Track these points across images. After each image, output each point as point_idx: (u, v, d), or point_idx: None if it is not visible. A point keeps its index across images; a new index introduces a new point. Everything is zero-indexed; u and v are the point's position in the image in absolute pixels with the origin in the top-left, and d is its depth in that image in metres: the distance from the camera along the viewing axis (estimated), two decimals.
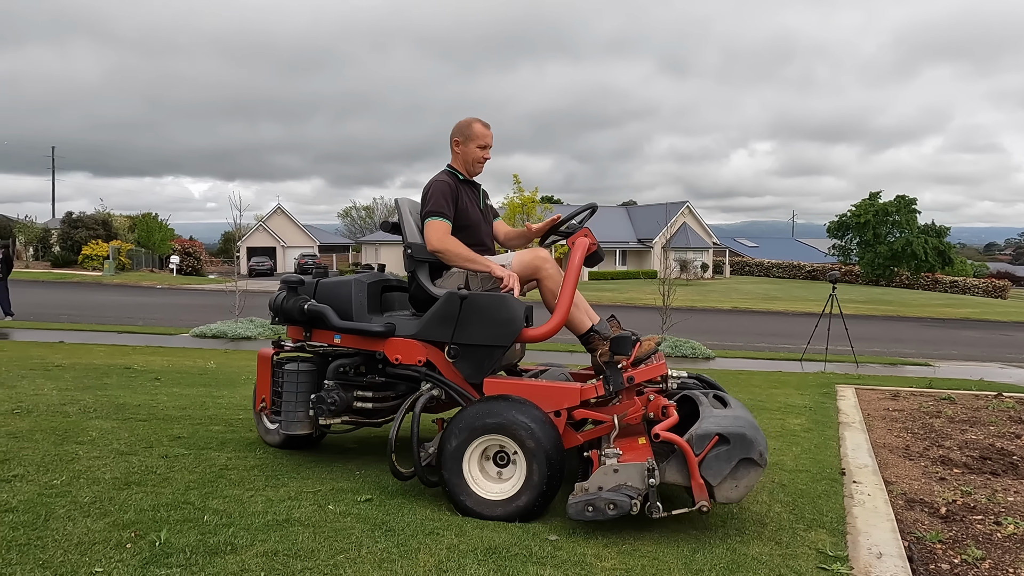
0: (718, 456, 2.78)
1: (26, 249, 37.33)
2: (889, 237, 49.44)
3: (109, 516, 2.75)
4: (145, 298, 22.48)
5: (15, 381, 5.97)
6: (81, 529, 2.61)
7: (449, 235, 3.46)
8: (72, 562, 2.35)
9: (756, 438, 2.84)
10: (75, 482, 3.16)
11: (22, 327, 12.52)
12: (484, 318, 3.28)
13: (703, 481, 2.78)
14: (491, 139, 3.70)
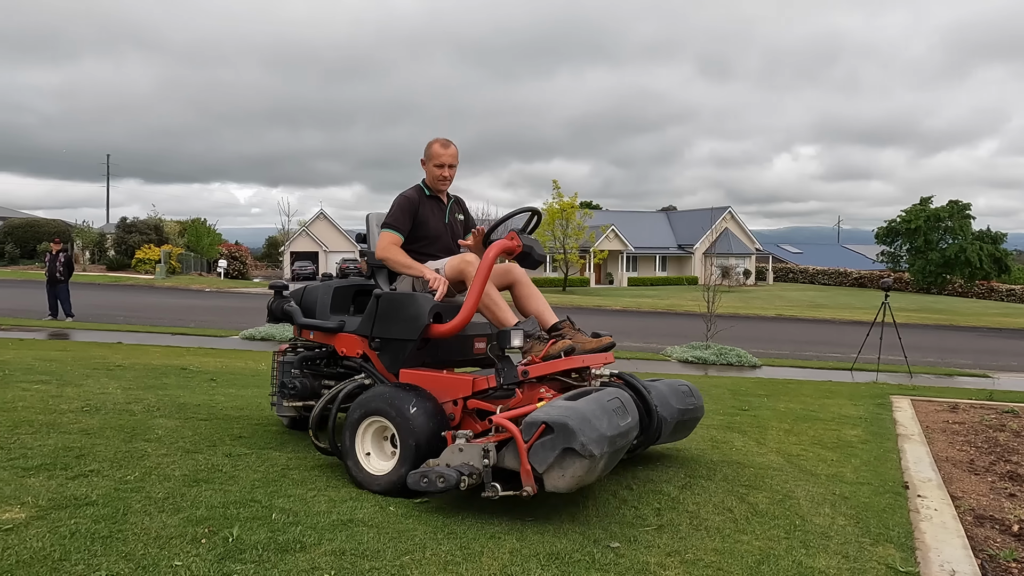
0: (543, 444, 2.85)
1: (83, 253, 38.83)
2: (941, 243, 47.85)
3: (182, 512, 2.85)
4: (195, 301, 23.16)
5: (81, 380, 6.22)
6: (158, 524, 2.71)
7: (393, 245, 3.87)
8: (152, 555, 2.44)
9: (581, 428, 2.79)
10: (147, 478, 3.28)
11: (82, 328, 13.03)
12: (395, 315, 3.64)
13: (530, 467, 2.86)
14: (448, 158, 3.96)
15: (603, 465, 2.94)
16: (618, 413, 3.04)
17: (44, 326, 13.15)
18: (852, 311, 28.46)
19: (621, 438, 2.99)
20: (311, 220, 60.43)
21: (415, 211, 3.95)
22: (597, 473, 2.95)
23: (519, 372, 3.27)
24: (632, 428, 3.14)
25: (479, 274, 3.44)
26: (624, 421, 3.05)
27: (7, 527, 2.58)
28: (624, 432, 3.02)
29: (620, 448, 3.05)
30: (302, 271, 48.45)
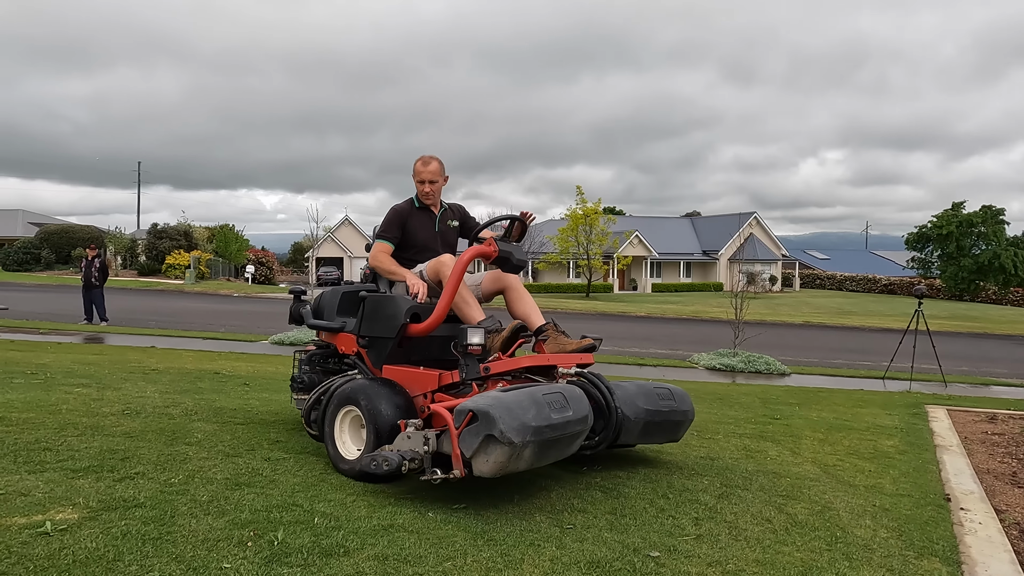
0: (469, 431, 3.00)
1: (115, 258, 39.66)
2: (974, 249, 46.84)
3: (227, 515, 2.90)
4: (224, 305, 23.51)
5: (119, 383, 6.36)
6: (204, 526, 2.77)
7: (382, 253, 4.19)
8: (202, 557, 2.49)
9: (501, 417, 2.92)
10: (191, 481, 3.35)
11: (117, 332, 13.30)
12: (377, 315, 3.90)
13: (459, 452, 3.03)
14: (427, 174, 4.22)
15: (530, 454, 3.02)
16: (553, 406, 3.12)
17: (80, 330, 13.46)
18: (882, 318, 27.96)
19: (552, 430, 3.06)
20: (336, 226, 61.07)
21: (404, 222, 4.25)
22: (525, 462, 3.04)
23: (481, 369, 3.47)
24: (572, 422, 3.20)
25: (452, 275, 3.65)
26: (560, 415, 3.12)
27: (62, 527, 2.65)
28: (558, 424, 3.09)
29: (553, 440, 3.10)
30: (327, 276, 48.96)
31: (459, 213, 4.52)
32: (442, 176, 4.29)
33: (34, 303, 19.88)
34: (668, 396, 4.13)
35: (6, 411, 4.62)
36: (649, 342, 15.46)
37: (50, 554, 2.43)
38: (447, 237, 4.41)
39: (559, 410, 3.15)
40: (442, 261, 3.92)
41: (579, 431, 3.30)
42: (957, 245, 46.91)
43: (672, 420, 4.14)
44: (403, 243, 4.25)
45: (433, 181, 4.25)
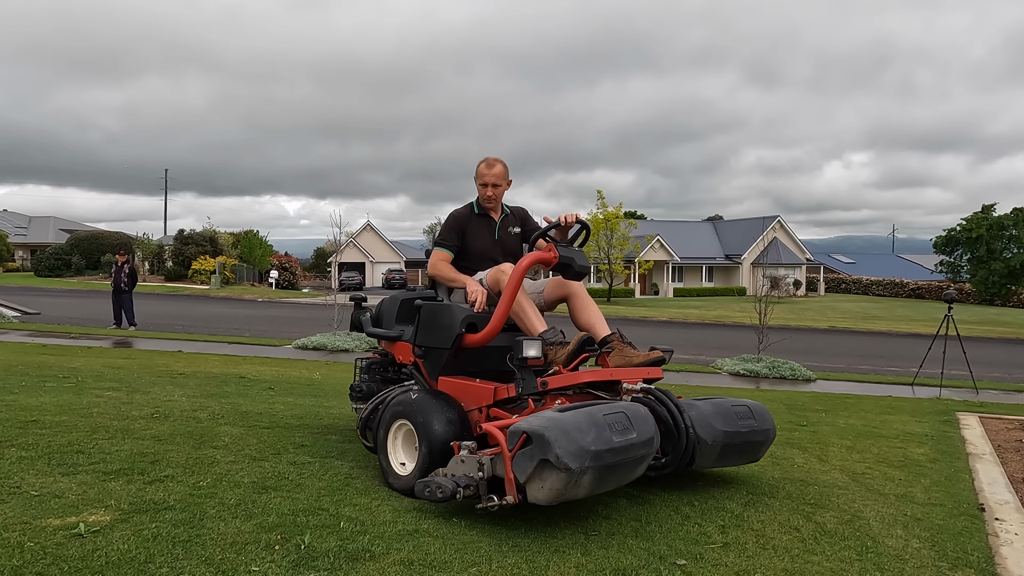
0: (523, 454, 2.83)
1: (143, 264, 40.40)
2: (1005, 253, 45.81)
3: (255, 518, 2.94)
4: (248, 310, 23.82)
5: (148, 387, 6.47)
6: (233, 529, 2.80)
7: (441, 262, 4.03)
8: (231, 560, 2.52)
9: (557, 440, 2.72)
10: (219, 484, 3.39)
11: (145, 336, 13.55)
12: (433, 324, 3.80)
13: (513, 476, 2.86)
14: (491, 177, 3.99)
15: (589, 481, 2.81)
16: (615, 428, 2.90)
17: (109, 335, 13.72)
18: (909, 323, 27.45)
19: (614, 454, 2.84)
20: (358, 232, 61.59)
21: (463, 229, 4.09)
22: (584, 488, 2.84)
23: (538, 383, 3.30)
24: (635, 445, 2.96)
25: (509, 284, 3.50)
26: (623, 437, 2.89)
27: (94, 529, 2.70)
28: (619, 448, 2.86)
29: (614, 465, 2.87)
30: (349, 281, 49.40)
31: (520, 217, 4.29)
32: (506, 180, 4.08)
33: (65, 308, 20.33)
34: (747, 415, 3.77)
35: (39, 414, 4.72)
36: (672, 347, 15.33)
37: (84, 555, 2.47)
38: (508, 244, 4.18)
39: (621, 432, 2.91)
40: (501, 269, 3.75)
41: (643, 455, 3.06)
42: (987, 248, 45.93)
43: (753, 441, 3.79)
44: (461, 251, 4.07)
45: (496, 185, 4.02)
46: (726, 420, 3.65)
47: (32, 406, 5.01)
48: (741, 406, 3.82)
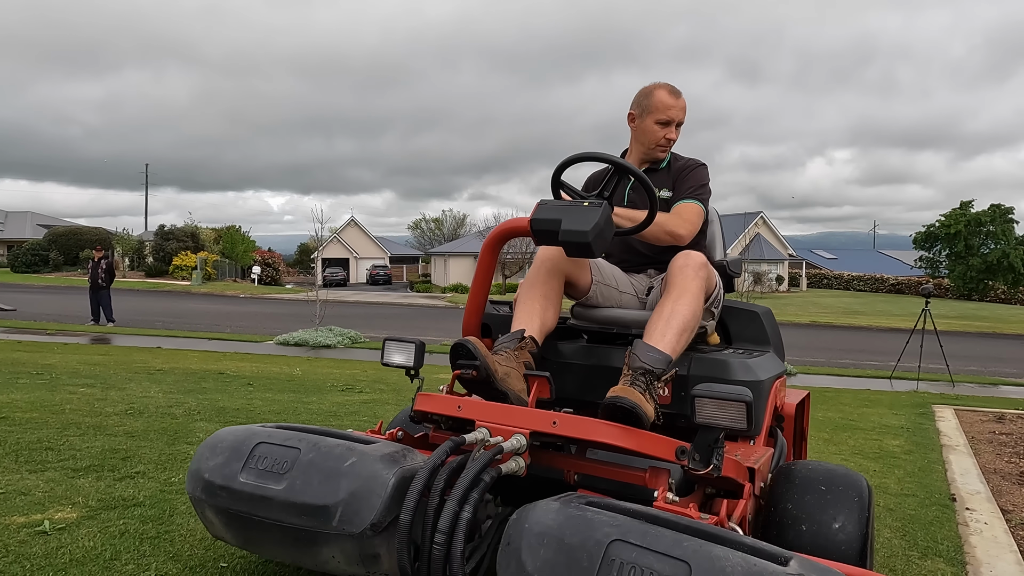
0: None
1: (123, 260, 39.88)
2: (983, 249, 46.52)
3: None
4: (230, 307, 23.60)
5: (124, 384, 6.38)
6: (203, 526, 2.76)
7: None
8: (199, 556, 2.48)
9: (199, 454, 2.08)
10: None
11: (123, 333, 13.37)
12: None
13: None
14: (676, 112, 2.66)
15: (220, 523, 2.02)
16: (260, 465, 1.96)
17: (87, 331, 13.53)
18: (889, 318, 27.80)
19: (236, 499, 1.92)
20: (342, 227, 61.22)
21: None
22: (221, 531, 2.08)
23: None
24: (285, 506, 1.86)
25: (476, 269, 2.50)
26: (259, 482, 1.92)
27: (60, 526, 2.66)
28: (249, 496, 1.90)
29: (248, 519, 1.93)
30: (333, 277, 49.10)
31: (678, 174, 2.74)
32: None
33: (42, 304, 20.01)
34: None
35: (10, 411, 4.63)
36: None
37: (47, 553, 2.43)
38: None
39: (264, 475, 1.90)
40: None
41: (306, 528, 1.83)
42: (965, 244, 46.60)
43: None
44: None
45: (680, 123, 2.71)
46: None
47: (2, 403, 4.92)
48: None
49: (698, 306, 2.26)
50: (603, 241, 2.03)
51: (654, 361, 2.08)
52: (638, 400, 1.97)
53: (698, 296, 2.26)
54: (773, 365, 2.57)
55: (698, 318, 2.26)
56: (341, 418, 5.30)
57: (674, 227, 2.49)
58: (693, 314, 2.23)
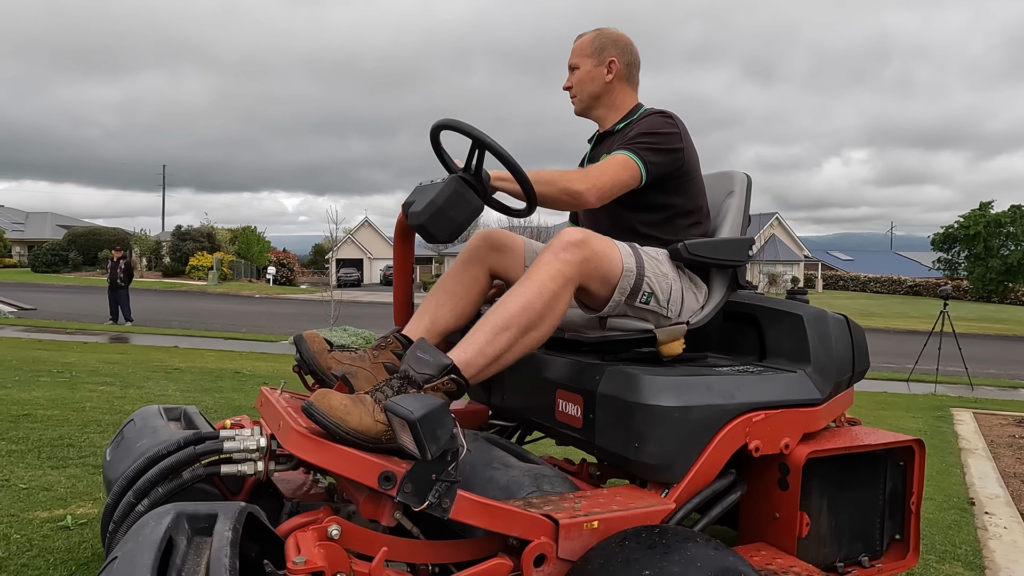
0: None
1: (140, 260, 40.37)
2: (1003, 250, 45.90)
3: None
4: (246, 306, 23.81)
5: (142, 382, 6.46)
6: None
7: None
8: None
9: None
10: None
11: (141, 332, 13.54)
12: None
13: None
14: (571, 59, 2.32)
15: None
16: None
17: (105, 330, 13.71)
18: (907, 320, 27.49)
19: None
20: (356, 228, 61.55)
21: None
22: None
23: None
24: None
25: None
26: None
27: (82, 521, 2.70)
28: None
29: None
30: (347, 278, 49.40)
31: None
32: (593, 57, 2.29)
33: (61, 304, 20.30)
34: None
35: (31, 408, 4.71)
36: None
37: (70, 547, 2.47)
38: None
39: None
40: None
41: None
42: (985, 245, 46.00)
43: None
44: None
45: (573, 67, 2.34)
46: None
47: (24, 400, 5.00)
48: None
49: (535, 296, 1.75)
50: (446, 223, 1.76)
51: (419, 364, 1.65)
52: (334, 407, 1.51)
53: (544, 284, 1.76)
54: (755, 389, 1.92)
55: (533, 310, 1.74)
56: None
57: (570, 182, 1.91)
58: (522, 307, 1.73)
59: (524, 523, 1.56)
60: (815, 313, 2.17)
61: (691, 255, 2.02)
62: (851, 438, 2.12)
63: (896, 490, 2.19)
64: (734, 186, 2.33)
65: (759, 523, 2.02)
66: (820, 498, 2.05)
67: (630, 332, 1.99)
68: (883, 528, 2.18)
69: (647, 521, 1.67)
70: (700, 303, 2.10)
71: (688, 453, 1.80)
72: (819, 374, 2.07)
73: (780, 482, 1.95)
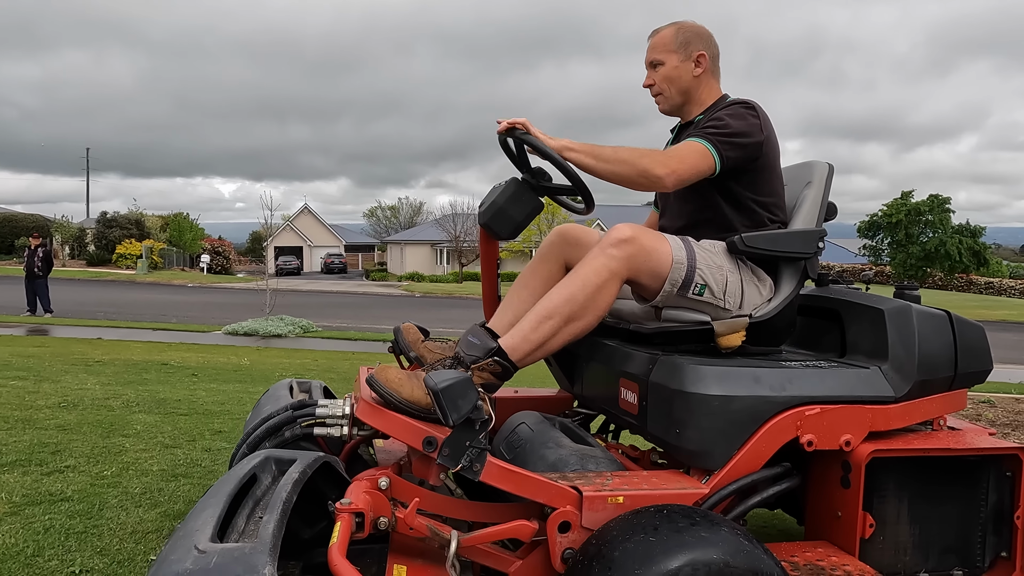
0: None
1: (63, 248, 38.31)
2: (922, 237, 48.49)
3: (160, 506, 2.83)
4: (177, 296, 22.92)
5: (59, 376, 6.15)
6: (134, 518, 2.69)
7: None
8: (128, 550, 2.42)
9: None
10: (124, 473, 3.26)
11: (62, 324, 12.86)
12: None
13: None
14: (648, 54, 2.31)
15: None
16: None
17: (22, 322, 12.97)
18: None
19: None
20: (295, 215, 60.02)
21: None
22: None
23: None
24: None
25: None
26: None
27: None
28: None
29: None
30: (286, 266, 48.19)
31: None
32: (677, 51, 2.25)
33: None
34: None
35: None
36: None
37: None
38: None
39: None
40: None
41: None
42: (906, 233, 48.48)
43: None
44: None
45: (656, 63, 2.29)
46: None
47: None
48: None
49: (579, 289, 1.84)
50: (507, 221, 1.96)
51: (469, 347, 1.85)
52: (390, 380, 1.71)
53: (588, 278, 1.84)
54: (812, 383, 1.89)
55: (576, 302, 1.83)
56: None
57: (650, 165, 1.92)
58: (566, 299, 1.84)
59: (550, 492, 1.68)
60: (898, 307, 2.06)
61: (748, 247, 1.99)
62: (935, 441, 1.99)
63: (1002, 503, 2.02)
64: (813, 176, 2.26)
65: (823, 520, 1.98)
66: (898, 502, 1.95)
67: (686, 324, 1.98)
68: (985, 543, 2.02)
69: (677, 502, 1.70)
70: (765, 296, 2.06)
71: (730, 442, 1.81)
72: (897, 371, 1.97)
73: (843, 480, 1.90)
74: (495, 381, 1.83)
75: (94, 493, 2.94)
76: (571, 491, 1.68)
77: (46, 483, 3.04)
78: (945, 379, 2.07)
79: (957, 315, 2.13)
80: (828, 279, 2.42)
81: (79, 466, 3.33)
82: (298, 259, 53.85)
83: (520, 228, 1.99)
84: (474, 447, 1.66)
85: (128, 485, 3.07)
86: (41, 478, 3.11)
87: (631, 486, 1.74)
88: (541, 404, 2.59)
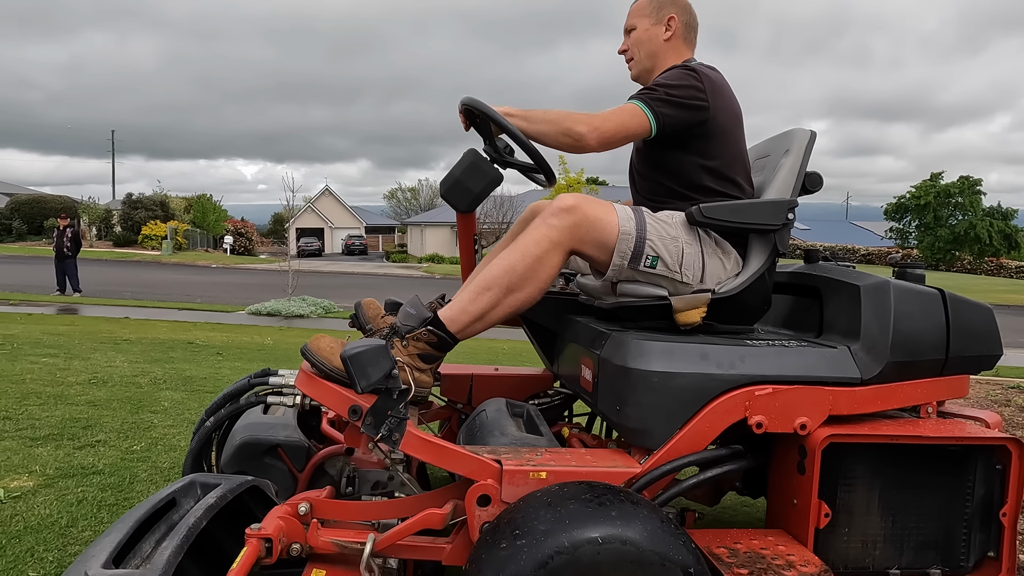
0: None
1: (89, 229, 38.97)
2: (951, 220, 47.49)
3: None
4: (201, 277, 23.24)
5: (88, 354, 6.27)
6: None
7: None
8: None
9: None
10: (153, 448, 3.32)
11: (90, 303, 13.11)
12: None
13: None
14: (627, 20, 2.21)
15: None
16: None
17: (52, 301, 13.24)
18: None
19: None
20: (316, 196, 60.34)
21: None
22: None
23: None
24: None
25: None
26: None
27: (15, 495, 2.62)
28: None
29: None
30: (307, 247, 48.56)
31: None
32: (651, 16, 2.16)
33: (5, 274, 19.50)
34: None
35: None
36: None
37: (1, 521, 2.39)
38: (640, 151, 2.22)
39: None
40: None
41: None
42: (934, 215, 47.50)
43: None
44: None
45: (630, 28, 2.21)
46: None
47: None
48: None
49: (517, 260, 1.79)
50: (464, 193, 1.91)
51: (406, 317, 1.83)
52: (322, 348, 1.72)
53: (527, 248, 1.79)
54: (765, 362, 1.79)
55: (515, 273, 1.78)
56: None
57: (573, 123, 1.87)
58: (504, 269, 1.79)
59: (470, 464, 1.65)
60: (875, 283, 1.91)
61: (707, 219, 1.87)
62: (912, 428, 1.84)
63: (990, 498, 1.86)
64: (792, 144, 2.11)
65: (781, 508, 1.86)
66: (868, 492, 1.80)
67: (644, 298, 1.88)
68: (970, 540, 1.86)
69: (605, 480, 1.63)
70: (731, 271, 1.94)
71: (671, 420, 1.73)
72: (868, 352, 1.84)
73: (798, 466, 1.77)
74: (431, 352, 1.78)
75: (124, 467, 3.00)
76: (492, 464, 1.64)
77: (78, 457, 3.11)
78: (933, 362, 1.91)
79: (955, 294, 1.97)
80: (819, 256, 2.29)
81: (110, 441, 3.40)
82: (319, 241, 54.21)
83: (478, 200, 1.93)
84: (394, 416, 1.65)
85: (157, 460, 3.13)
86: (73, 452, 3.18)
87: (559, 462, 1.68)
88: (522, 383, 2.56)
